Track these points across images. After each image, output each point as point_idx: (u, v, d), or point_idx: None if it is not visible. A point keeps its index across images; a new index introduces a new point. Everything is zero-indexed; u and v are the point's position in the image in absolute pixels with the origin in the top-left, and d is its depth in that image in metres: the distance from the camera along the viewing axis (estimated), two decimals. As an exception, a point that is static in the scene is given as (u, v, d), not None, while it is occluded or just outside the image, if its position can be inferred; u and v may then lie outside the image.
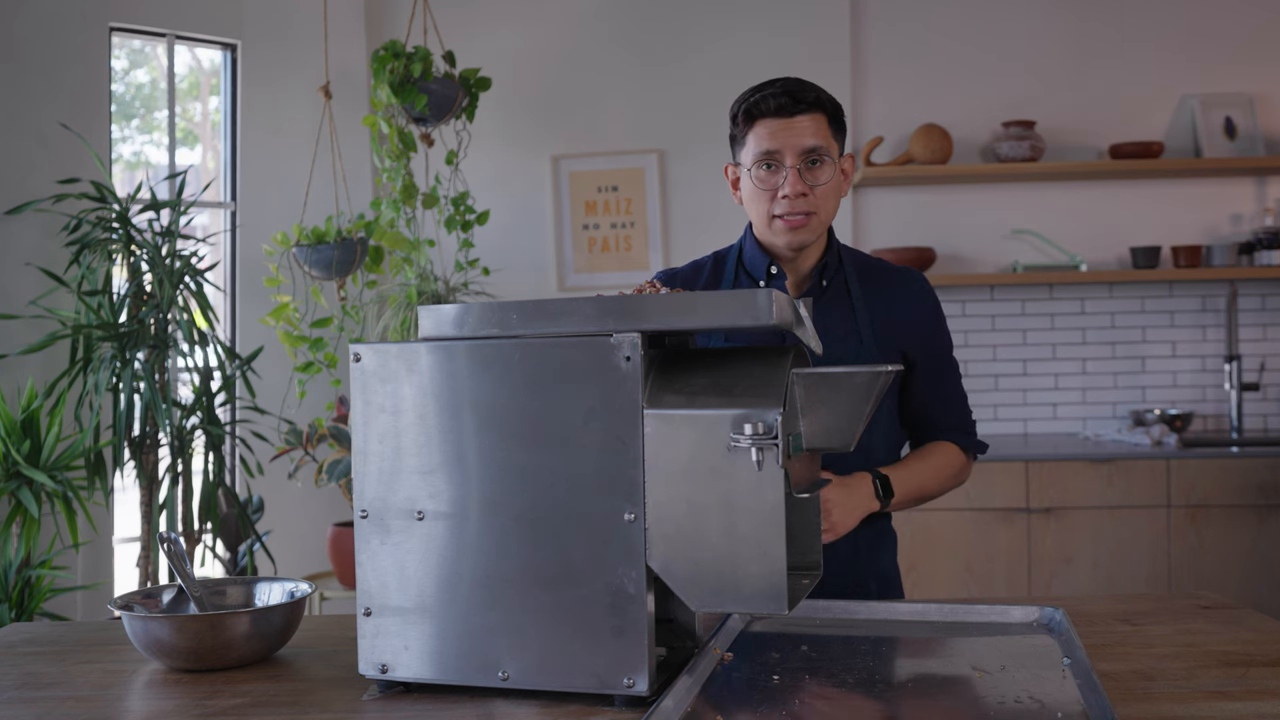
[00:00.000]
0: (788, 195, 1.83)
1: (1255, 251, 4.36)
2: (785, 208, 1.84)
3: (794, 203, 1.83)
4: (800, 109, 1.83)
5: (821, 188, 1.84)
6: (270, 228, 4.16)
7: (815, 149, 1.83)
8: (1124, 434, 4.24)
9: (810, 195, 1.84)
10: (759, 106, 1.84)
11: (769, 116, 1.83)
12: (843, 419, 1.34)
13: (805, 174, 1.84)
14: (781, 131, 1.82)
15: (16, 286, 3.73)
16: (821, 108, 1.85)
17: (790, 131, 1.82)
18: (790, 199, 1.83)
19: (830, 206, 1.87)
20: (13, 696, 1.43)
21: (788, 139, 1.82)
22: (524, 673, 1.32)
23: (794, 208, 1.83)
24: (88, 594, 3.80)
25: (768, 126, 1.83)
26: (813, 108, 1.84)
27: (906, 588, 3.93)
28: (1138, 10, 4.54)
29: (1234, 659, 1.44)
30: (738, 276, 1.97)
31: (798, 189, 1.82)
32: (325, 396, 4.31)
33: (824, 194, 1.85)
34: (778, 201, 1.85)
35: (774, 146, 1.83)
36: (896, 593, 2.01)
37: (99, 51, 4.05)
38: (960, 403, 2.01)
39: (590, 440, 1.30)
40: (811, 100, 1.83)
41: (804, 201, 1.84)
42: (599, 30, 4.63)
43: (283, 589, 1.66)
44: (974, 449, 2.02)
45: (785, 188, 1.83)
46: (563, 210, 4.63)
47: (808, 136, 1.82)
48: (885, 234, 4.58)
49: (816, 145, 1.83)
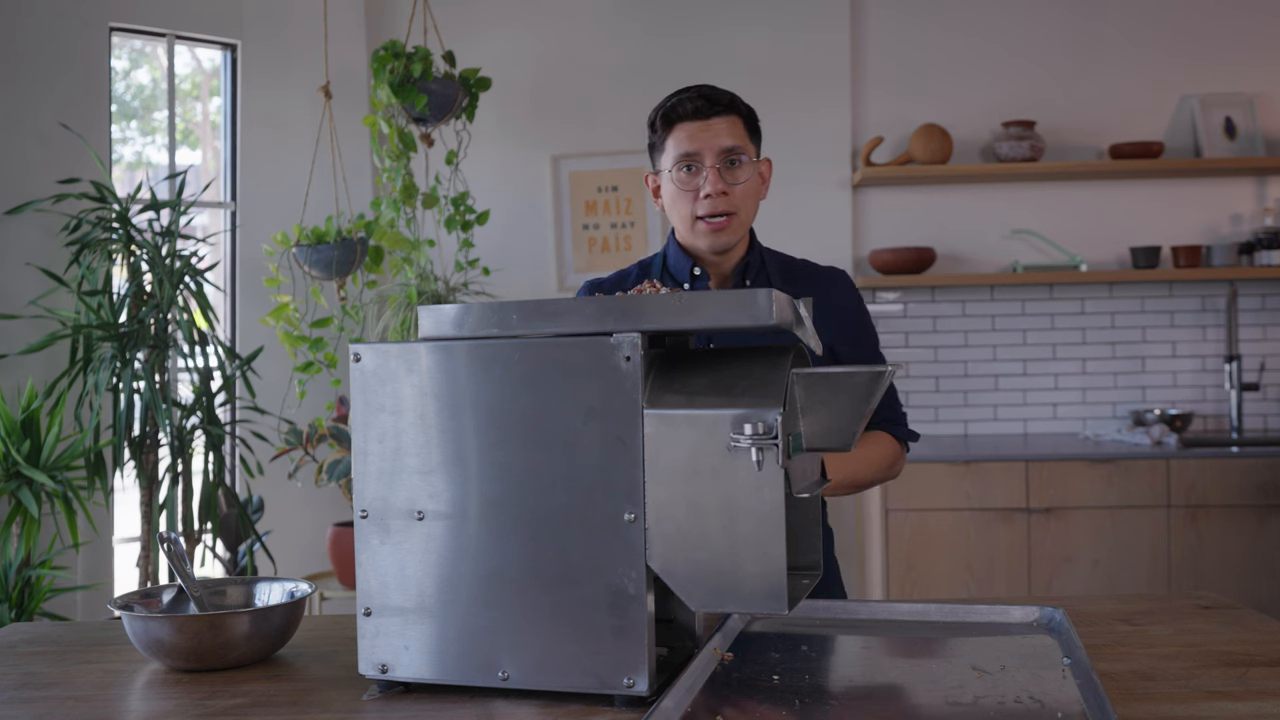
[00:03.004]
0: (709, 194, 1.88)
1: (1255, 251, 4.36)
2: (707, 208, 1.90)
3: (715, 202, 1.89)
4: (716, 111, 1.90)
5: (740, 187, 1.91)
6: (270, 228, 4.16)
7: (733, 149, 1.89)
8: (1124, 434, 4.24)
9: (730, 194, 1.90)
10: (676, 110, 1.91)
11: (686, 120, 1.90)
12: (843, 419, 1.34)
13: (724, 173, 1.90)
14: (700, 133, 1.89)
15: (16, 286, 3.73)
16: (736, 110, 1.92)
17: (708, 133, 1.89)
18: (712, 198, 1.89)
19: (750, 207, 1.94)
20: (13, 696, 1.43)
21: (706, 140, 1.89)
22: (524, 673, 1.32)
23: (715, 207, 1.89)
24: (88, 594, 3.80)
25: (686, 129, 1.90)
26: (728, 110, 1.91)
27: (906, 588, 3.96)
28: (1138, 10, 4.54)
29: (1234, 659, 1.44)
30: (663, 282, 2.01)
31: (718, 187, 1.88)
32: (325, 396, 4.31)
33: (743, 194, 1.91)
34: (699, 202, 1.90)
35: (693, 148, 1.89)
36: (837, 588, 2.02)
37: (99, 51, 4.05)
38: (891, 394, 2.05)
39: (590, 440, 1.30)
40: (727, 103, 1.91)
41: (724, 200, 1.89)
42: (599, 30, 4.63)
43: (283, 589, 1.66)
44: (906, 438, 2.06)
45: (706, 187, 1.89)
46: (563, 210, 4.63)
47: (725, 137, 1.89)
48: (885, 234, 4.58)
49: (734, 145, 1.89)
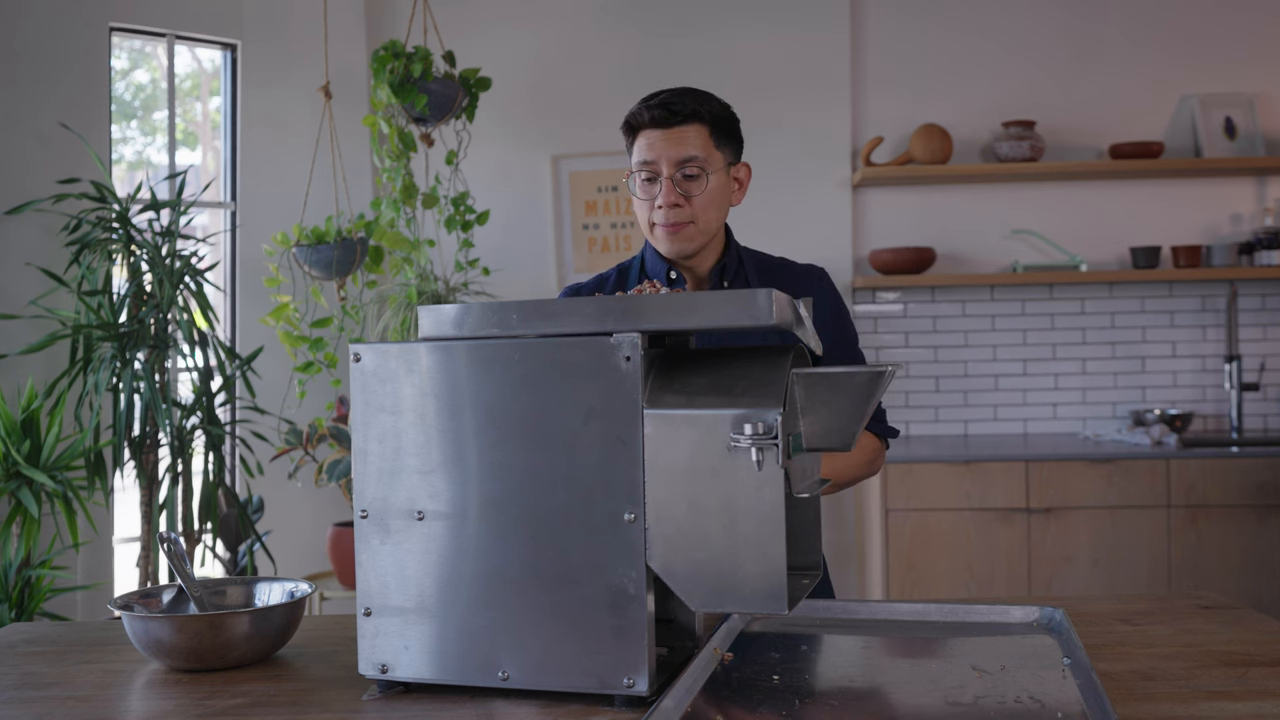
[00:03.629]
0: (662, 205, 1.89)
1: (1255, 251, 4.36)
2: (661, 217, 1.90)
3: (669, 212, 1.89)
4: (676, 120, 1.88)
5: (698, 198, 1.89)
6: (270, 228, 4.16)
7: (690, 159, 1.88)
8: (1124, 434, 4.24)
9: (686, 205, 1.89)
10: (637, 118, 1.92)
11: (646, 128, 1.91)
12: (843, 419, 1.34)
13: (680, 184, 1.88)
14: (659, 142, 1.89)
15: (16, 286, 3.73)
16: (700, 119, 1.89)
17: (666, 142, 1.88)
18: (664, 209, 1.89)
19: (711, 216, 1.92)
20: (13, 696, 1.43)
21: (664, 149, 1.88)
22: (524, 673, 1.32)
23: (669, 218, 1.89)
24: (88, 594, 3.80)
25: (647, 138, 1.90)
26: (690, 119, 1.88)
27: (906, 588, 3.96)
28: (1137, 10, 4.54)
29: (1234, 659, 1.44)
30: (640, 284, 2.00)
31: (670, 199, 1.88)
32: (325, 396, 4.31)
33: (702, 204, 1.90)
34: (655, 210, 1.91)
35: (651, 157, 1.90)
36: (824, 586, 2.01)
37: (99, 51, 4.05)
38: None
39: (590, 440, 1.30)
40: (688, 112, 1.88)
41: (678, 212, 1.89)
42: (599, 30, 4.63)
43: (283, 589, 1.66)
44: (886, 434, 2.06)
45: (659, 198, 1.89)
46: (563, 210, 4.63)
47: (684, 147, 1.88)
48: (885, 234, 4.58)
49: (692, 156, 1.88)
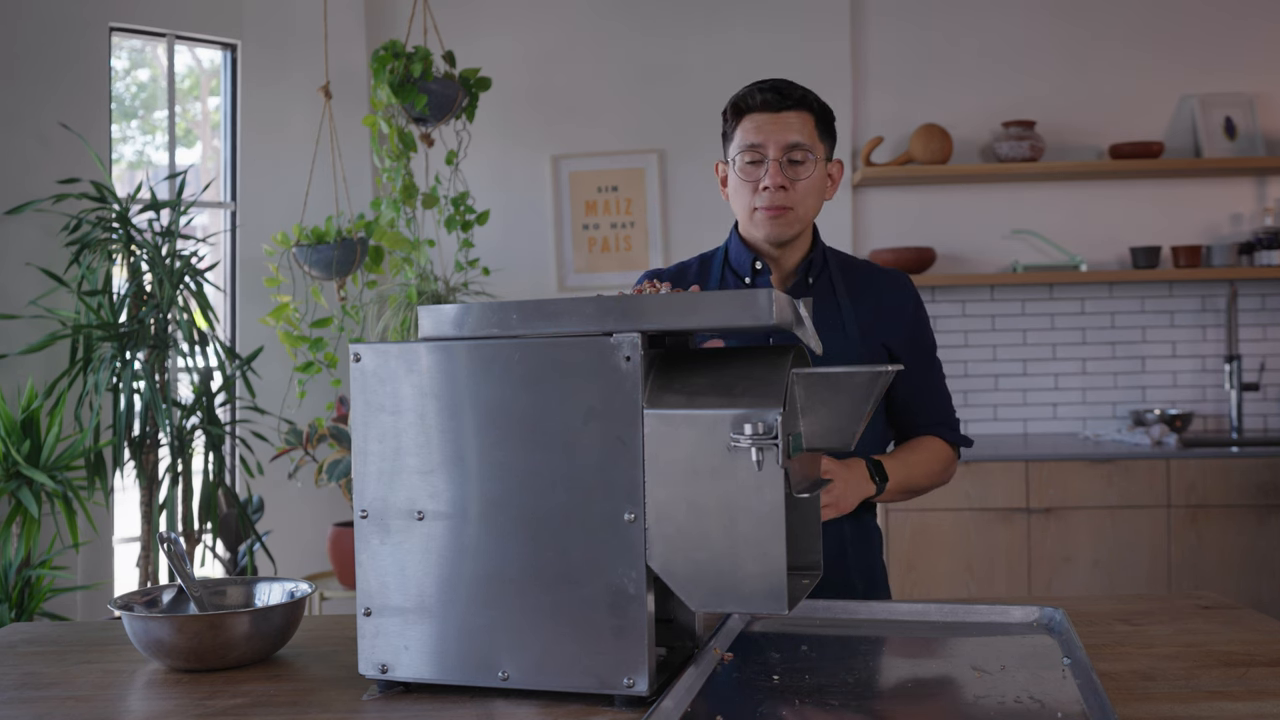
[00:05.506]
0: (768, 187, 1.88)
1: (1255, 251, 4.36)
2: (765, 200, 1.90)
3: (773, 195, 1.89)
4: (787, 105, 1.89)
5: (801, 184, 1.90)
6: (270, 228, 4.16)
7: (798, 145, 1.89)
8: (1124, 434, 4.24)
9: (790, 190, 1.89)
10: (746, 101, 1.91)
11: (756, 111, 1.90)
12: (843, 419, 1.34)
13: (786, 169, 1.89)
14: (767, 125, 1.89)
15: (16, 286, 3.73)
16: (808, 106, 1.91)
17: (775, 126, 1.89)
18: (770, 191, 1.89)
19: (810, 204, 1.93)
20: (13, 696, 1.43)
21: (772, 133, 1.88)
22: (524, 673, 1.32)
23: (773, 200, 1.89)
24: (88, 594, 3.80)
25: (754, 120, 1.90)
26: (799, 105, 1.90)
27: (906, 587, 3.96)
28: (1137, 10, 4.54)
29: (1234, 659, 1.44)
30: (724, 276, 2.01)
31: (777, 181, 1.88)
32: (325, 396, 4.31)
33: (804, 190, 1.91)
34: (759, 194, 1.90)
35: (758, 140, 1.89)
36: (883, 590, 2.02)
37: (99, 51, 4.05)
38: (945, 399, 2.05)
39: (590, 440, 1.30)
40: (798, 98, 1.90)
41: (783, 195, 1.89)
42: (599, 30, 4.63)
43: (283, 589, 1.66)
44: (960, 443, 2.05)
45: (766, 179, 1.89)
46: (563, 210, 4.63)
47: (792, 132, 1.88)
48: (885, 234, 4.58)
49: (799, 141, 1.89)
